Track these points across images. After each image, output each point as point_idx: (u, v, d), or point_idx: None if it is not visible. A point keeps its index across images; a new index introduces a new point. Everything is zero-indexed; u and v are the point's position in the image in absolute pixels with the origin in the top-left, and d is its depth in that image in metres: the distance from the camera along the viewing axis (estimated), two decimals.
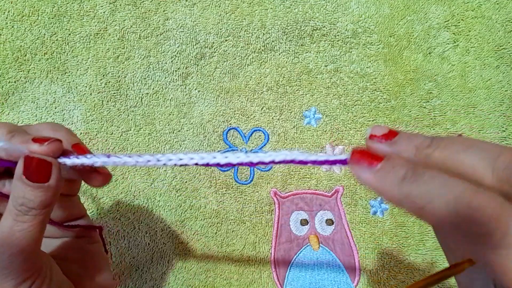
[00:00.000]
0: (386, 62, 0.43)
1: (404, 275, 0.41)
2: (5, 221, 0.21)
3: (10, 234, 0.21)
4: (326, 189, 0.42)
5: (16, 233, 0.21)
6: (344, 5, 0.43)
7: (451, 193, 0.16)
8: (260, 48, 0.43)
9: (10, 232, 0.21)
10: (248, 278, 0.41)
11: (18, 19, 0.42)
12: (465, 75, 0.42)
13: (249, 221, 0.42)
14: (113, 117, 0.43)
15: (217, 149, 0.43)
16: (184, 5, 0.43)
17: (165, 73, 0.43)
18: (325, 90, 0.43)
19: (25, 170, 0.21)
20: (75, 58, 0.43)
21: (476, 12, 0.43)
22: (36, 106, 0.43)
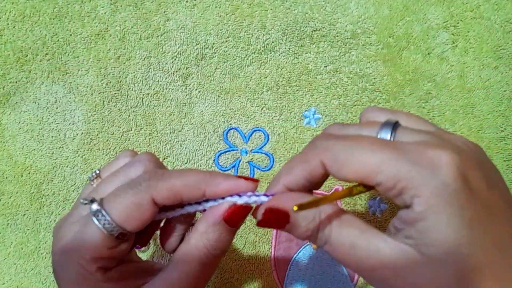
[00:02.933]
0: (385, 63, 0.43)
1: None
2: (192, 259, 0.23)
3: (197, 273, 0.23)
4: (325, 189, 0.43)
5: (203, 275, 0.24)
6: (344, 6, 0.43)
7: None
8: (260, 48, 0.44)
9: (200, 272, 0.24)
10: (248, 277, 0.42)
11: (20, 19, 0.43)
12: (464, 76, 0.43)
13: (249, 221, 0.42)
14: (114, 117, 0.43)
15: (218, 149, 0.43)
16: (185, 6, 0.44)
17: (165, 74, 0.43)
18: (325, 90, 0.44)
19: (227, 214, 0.23)
20: (76, 58, 0.43)
21: (475, 12, 0.43)
22: (37, 107, 0.43)
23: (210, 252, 0.23)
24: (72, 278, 0.22)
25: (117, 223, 0.22)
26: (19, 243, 0.42)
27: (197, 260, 0.23)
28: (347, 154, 0.21)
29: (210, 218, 0.23)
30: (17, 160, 0.43)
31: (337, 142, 0.22)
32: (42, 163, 0.43)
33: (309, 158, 0.23)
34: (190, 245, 0.23)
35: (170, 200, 0.23)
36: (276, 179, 0.24)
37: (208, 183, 0.23)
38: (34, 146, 0.43)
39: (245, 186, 0.24)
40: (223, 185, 0.23)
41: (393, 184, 0.20)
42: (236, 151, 0.43)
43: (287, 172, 0.23)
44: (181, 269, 0.23)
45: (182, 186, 0.23)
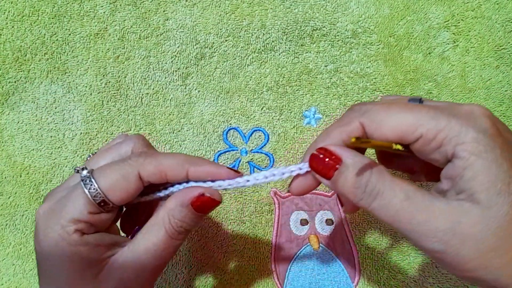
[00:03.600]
0: (386, 62, 0.43)
1: (404, 275, 0.41)
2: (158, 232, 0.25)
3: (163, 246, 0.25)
4: (326, 189, 0.42)
5: (169, 248, 0.25)
6: (344, 5, 0.43)
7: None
8: (260, 48, 0.43)
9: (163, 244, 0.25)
10: (248, 278, 0.41)
11: (18, 19, 0.43)
12: (465, 75, 0.43)
13: (249, 221, 0.42)
14: (113, 117, 0.43)
15: (217, 149, 0.43)
16: (184, 5, 0.43)
17: (165, 73, 0.43)
18: (325, 90, 0.43)
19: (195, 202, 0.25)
20: (75, 58, 0.43)
21: (476, 12, 0.43)
22: (36, 106, 0.43)
23: (174, 228, 0.25)
24: (50, 237, 0.24)
25: (102, 190, 0.24)
26: (18, 243, 0.42)
27: (162, 232, 0.25)
28: (386, 113, 0.22)
29: (179, 198, 0.25)
30: (15, 160, 0.42)
31: (374, 105, 0.23)
32: (41, 163, 0.42)
33: (348, 121, 0.23)
34: (158, 218, 0.25)
35: (155, 177, 0.25)
36: (313, 145, 0.24)
37: (192, 163, 0.25)
38: (33, 146, 0.42)
39: (227, 173, 0.25)
40: (206, 167, 0.25)
41: (434, 135, 0.21)
42: (236, 151, 0.43)
43: (324, 137, 0.24)
44: (148, 238, 0.25)
45: (168, 164, 0.25)
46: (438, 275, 0.41)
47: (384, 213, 0.21)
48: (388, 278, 0.41)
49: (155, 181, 0.25)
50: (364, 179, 0.21)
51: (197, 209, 0.25)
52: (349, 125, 0.23)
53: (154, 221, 0.25)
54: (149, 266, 0.25)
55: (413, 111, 0.22)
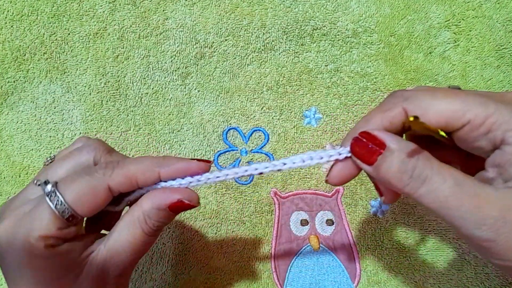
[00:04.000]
0: (387, 62, 0.43)
1: (404, 275, 0.41)
2: (135, 231, 0.25)
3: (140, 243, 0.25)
4: (326, 189, 0.42)
5: (146, 244, 0.25)
6: (345, 5, 0.43)
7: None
8: (260, 47, 0.43)
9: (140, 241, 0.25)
10: (248, 278, 0.41)
11: (17, 18, 0.42)
12: (466, 75, 0.42)
13: (249, 221, 0.42)
14: (112, 117, 0.43)
15: (217, 149, 0.43)
16: (184, 5, 0.43)
17: (164, 73, 0.43)
18: (326, 90, 0.43)
19: (173, 205, 0.24)
20: (74, 57, 0.43)
21: (477, 11, 0.42)
22: (35, 106, 0.43)
23: (151, 227, 0.25)
24: (17, 255, 0.23)
25: (70, 205, 0.23)
26: None
27: (139, 231, 0.25)
28: (432, 99, 0.21)
29: (156, 202, 0.24)
30: (14, 160, 0.42)
31: (417, 91, 0.22)
32: (40, 163, 0.42)
33: (390, 107, 0.23)
34: (133, 217, 0.25)
35: (126, 186, 0.24)
36: (353, 131, 0.24)
37: (162, 165, 0.24)
38: (32, 146, 0.42)
39: (197, 167, 0.25)
40: (176, 166, 0.25)
41: (482, 120, 0.20)
42: (236, 151, 0.43)
43: (364, 123, 0.23)
44: (125, 237, 0.25)
45: (137, 170, 0.24)
46: (439, 276, 0.41)
47: (433, 200, 0.20)
48: (388, 278, 0.41)
49: (126, 190, 0.25)
50: (410, 164, 0.21)
51: (174, 211, 0.25)
52: (392, 111, 0.22)
53: (129, 219, 0.25)
54: (126, 261, 0.25)
55: (460, 96, 0.21)
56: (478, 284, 0.40)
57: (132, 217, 0.25)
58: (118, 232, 0.25)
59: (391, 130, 0.23)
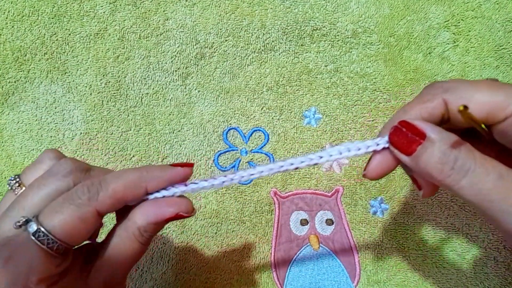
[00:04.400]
0: (386, 62, 0.43)
1: (404, 275, 0.41)
2: (132, 245, 0.24)
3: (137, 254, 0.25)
4: (326, 189, 0.42)
5: (142, 252, 0.25)
6: (344, 5, 0.43)
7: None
8: (260, 48, 0.43)
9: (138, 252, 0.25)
10: (248, 278, 0.41)
11: (18, 19, 0.42)
12: (465, 75, 0.42)
13: (249, 221, 0.42)
14: (113, 117, 0.43)
15: (217, 149, 0.43)
16: (184, 5, 0.43)
17: (165, 73, 0.43)
18: (325, 90, 0.43)
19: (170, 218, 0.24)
20: (75, 58, 0.43)
21: (476, 12, 0.43)
22: (36, 106, 0.43)
23: (147, 238, 0.25)
24: None
25: (62, 240, 0.21)
26: None
27: (136, 245, 0.24)
28: (474, 90, 0.21)
29: (152, 217, 0.24)
30: (15, 160, 0.42)
31: (457, 82, 0.22)
32: None
33: (430, 98, 0.22)
34: (129, 233, 0.24)
35: (114, 207, 0.23)
36: (391, 122, 0.23)
37: (147, 180, 0.24)
38: (32, 146, 0.42)
39: (183, 174, 0.25)
40: (162, 177, 0.24)
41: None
42: (236, 151, 0.43)
43: (402, 114, 0.23)
44: (121, 251, 0.24)
45: (123, 190, 0.23)
46: (438, 275, 0.41)
47: (475, 192, 0.20)
48: (388, 278, 0.41)
49: (114, 210, 0.24)
50: (452, 155, 0.20)
51: (170, 221, 0.25)
52: (431, 102, 0.22)
53: (125, 235, 0.24)
54: (125, 271, 0.25)
55: (503, 88, 0.20)
56: (477, 284, 0.40)
57: (127, 233, 0.24)
58: (114, 245, 0.24)
59: (430, 121, 0.22)
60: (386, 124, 0.24)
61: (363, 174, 0.24)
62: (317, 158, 0.24)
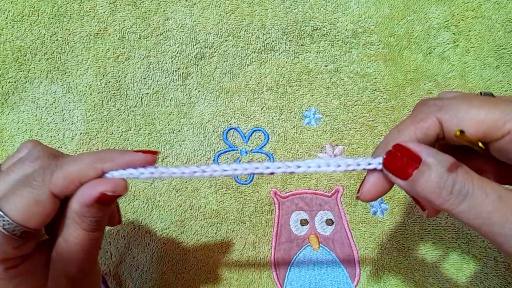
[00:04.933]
0: (386, 62, 0.43)
1: (404, 275, 0.41)
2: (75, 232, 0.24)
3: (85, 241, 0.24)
4: (326, 189, 0.42)
5: (93, 240, 0.24)
6: (344, 5, 0.43)
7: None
8: (260, 48, 0.43)
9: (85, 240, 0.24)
10: (248, 278, 0.41)
11: (18, 19, 0.42)
12: (465, 75, 0.42)
13: (249, 221, 0.42)
14: (113, 117, 0.43)
15: (217, 149, 0.43)
16: (184, 5, 0.43)
17: (165, 73, 0.43)
18: (325, 90, 0.43)
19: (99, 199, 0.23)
20: (75, 58, 0.43)
21: (476, 12, 0.43)
22: (36, 106, 0.43)
23: (90, 224, 0.24)
24: None
25: (18, 222, 0.22)
26: None
27: (80, 232, 0.24)
28: (468, 108, 0.20)
29: (81, 200, 0.23)
30: None
31: (451, 100, 0.21)
32: None
33: (424, 117, 0.22)
34: (70, 220, 0.24)
35: (70, 189, 0.23)
36: (384, 142, 0.23)
37: (104, 160, 0.23)
38: None
39: (143, 159, 0.24)
40: (119, 160, 0.23)
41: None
42: (236, 151, 0.43)
43: (395, 134, 0.22)
44: (69, 240, 0.24)
45: (78, 170, 0.23)
46: (438, 275, 0.41)
47: (474, 216, 0.19)
48: (388, 278, 0.41)
49: (71, 192, 0.23)
50: (450, 179, 0.19)
51: (103, 204, 0.24)
52: (425, 121, 0.21)
53: (66, 222, 0.24)
54: (80, 261, 0.24)
55: (499, 105, 0.20)
56: (477, 284, 0.40)
57: (69, 219, 0.24)
58: (61, 236, 0.24)
59: (424, 141, 0.22)
60: (380, 143, 0.23)
61: (357, 196, 0.24)
62: (295, 167, 0.23)
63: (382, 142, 0.23)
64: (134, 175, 0.24)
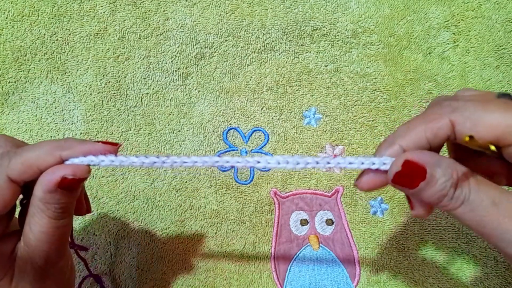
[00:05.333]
0: (386, 62, 0.43)
1: (404, 275, 0.41)
2: (41, 220, 0.24)
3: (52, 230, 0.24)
4: (326, 189, 0.42)
5: (60, 228, 0.24)
6: (344, 5, 0.43)
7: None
8: (260, 48, 0.43)
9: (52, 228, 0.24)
10: (248, 278, 0.41)
11: (18, 19, 0.42)
12: (465, 75, 0.42)
13: (249, 221, 0.42)
14: (113, 117, 0.43)
15: (217, 149, 0.43)
16: (184, 5, 0.43)
17: (165, 73, 0.43)
18: (325, 90, 0.43)
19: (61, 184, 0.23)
20: (75, 58, 0.43)
21: (476, 12, 0.43)
22: (36, 106, 0.43)
23: (55, 211, 0.24)
24: None
25: None
26: None
27: (46, 220, 0.24)
28: (483, 111, 0.20)
29: (44, 186, 0.23)
30: None
31: (466, 102, 0.21)
32: None
33: (436, 117, 0.21)
34: (35, 208, 0.24)
35: (27, 174, 0.23)
36: (390, 140, 0.22)
37: (63, 148, 0.23)
38: None
39: (102, 149, 0.24)
40: (78, 148, 0.23)
41: None
42: (236, 151, 0.43)
43: (406, 132, 0.22)
44: (36, 229, 0.24)
45: (36, 156, 0.23)
46: (438, 275, 0.41)
47: (469, 218, 0.20)
48: (388, 278, 0.41)
49: (30, 178, 0.23)
50: (450, 183, 0.20)
51: (65, 189, 0.23)
52: (437, 122, 0.21)
53: (31, 211, 0.24)
54: (49, 251, 0.24)
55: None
56: (477, 284, 0.40)
57: (34, 208, 0.24)
58: (28, 225, 0.24)
59: (434, 142, 0.22)
60: (386, 139, 0.23)
61: (355, 183, 0.24)
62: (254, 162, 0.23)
63: (389, 138, 0.23)
64: (94, 162, 0.24)
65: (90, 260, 0.41)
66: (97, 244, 0.41)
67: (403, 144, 0.22)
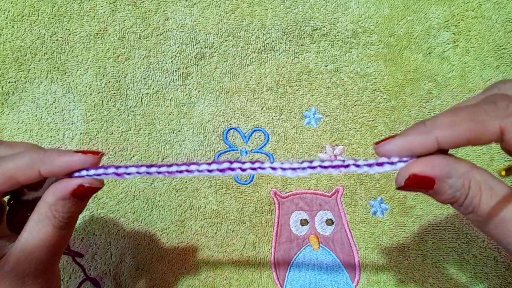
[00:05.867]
0: (386, 62, 0.43)
1: (404, 275, 0.41)
2: (46, 228, 0.24)
3: (53, 239, 0.24)
4: (326, 189, 0.42)
5: (61, 239, 0.24)
6: (344, 5, 0.43)
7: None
8: (260, 48, 0.43)
9: (54, 238, 0.24)
10: (248, 278, 0.41)
11: (18, 19, 0.42)
12: (465, 75, 0.42)
13: (249, 221, 0.42)
14: (113, 117, 0.43)
15: (217, 149, 0.43)
16: (184, 5, 0.43)
17: (165, 73, 0.43)
18: (325, 90, 0.43)
19: (76, 191, 0.23)
20: (75, 58, 0.43)
21: (476, 12, 0.43)
22: (36, 106, 0.43)
23: (62, 220, 0.24)
24: None
25: None
26: None
27: (50, 228, 0.24)
28: None
29: (58, 193, 0.23)
30: None
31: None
32: None
33: (485, 119, 0.19)
34: (41, 215, 0.24)
35: (7, 186, 0.23)
36: (429, 126, 0.21)
37: (43, 162, 0.23)
38: None
39: (83, 161, 0.23)
40: (57, 162, 0.23)
41: None
42: (236, 151, 0.43)
43: (447, 125, 0.20)
44: (37, 236, 0.24)
45: (15, 169, 0.23)
46: (438, 275, 0.41)
47: (482, 222, 0.21)
48: (388, 278, 0.41)
49: (9, 189, 0.23)
50: (459, 194, 0.21)
51: (80, 198, 0.24)
52: (485, 125, 0.19)
53: (37, 217, 0.24)
54: (44, 259, 0.24)
55: None
56: (477, 284, 0.40)
57: (40, 215, 0.24)
58: (28, 232, 0.24)
59: (473, 142, 0.20)
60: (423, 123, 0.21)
61: (376, 142, 0.22)
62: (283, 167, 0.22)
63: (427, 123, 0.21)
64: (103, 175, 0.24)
65: (90, 260, 0.41)
66: (97, 244, 0.41)
67: (440, 138, 0.20)
